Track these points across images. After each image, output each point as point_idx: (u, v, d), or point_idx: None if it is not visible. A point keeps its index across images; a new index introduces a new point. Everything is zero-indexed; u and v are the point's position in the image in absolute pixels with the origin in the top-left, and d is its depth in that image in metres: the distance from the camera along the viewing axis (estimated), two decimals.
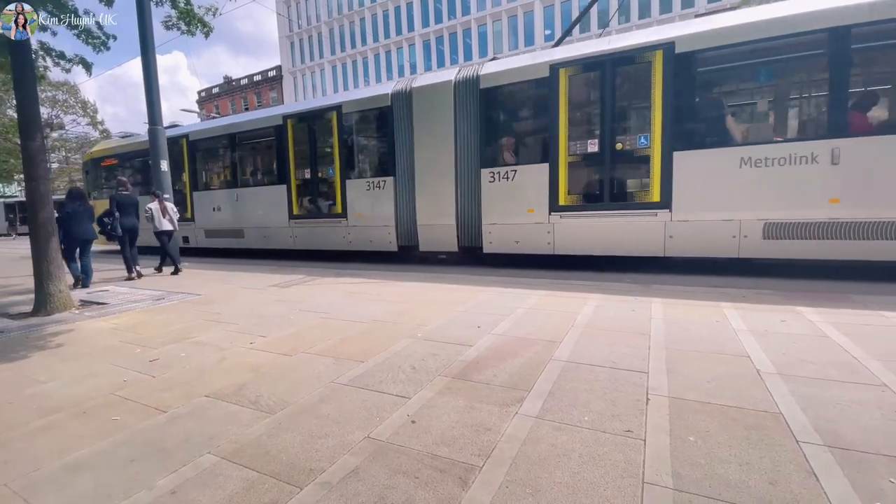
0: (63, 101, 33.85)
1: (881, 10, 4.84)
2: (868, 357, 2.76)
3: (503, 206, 6.98)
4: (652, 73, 5.88)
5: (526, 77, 6.72)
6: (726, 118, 5.77)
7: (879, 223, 4.97)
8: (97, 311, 5.15)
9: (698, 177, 5.72)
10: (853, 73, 5.13)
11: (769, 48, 5.39)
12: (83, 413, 2.47)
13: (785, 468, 1.69)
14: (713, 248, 5.76)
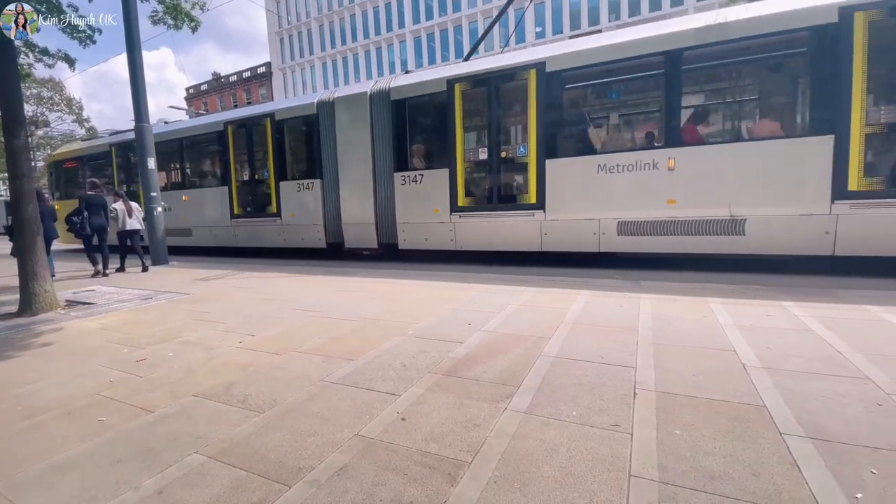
0: (48, 99, 33.34)
1: (705, 35, 5.62)
2: (852, 351, 2.81)
3: (414, 207, 7.71)
4: (528, 90, 6.61)
5: (428, 91, 7.44)
6: (587, 130, 6.66)
7: (708, 220, 5.80)
8: (83, 310, 5.08)
9: (566, 181, 6.51)
10: (685, 91, 5.96)
11: (619, 69, 6.22)
12: (69, 414, 2.43)
13: (768, 460, 1.72)
14: (579, 243, 6.56)
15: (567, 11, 37.13)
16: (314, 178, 8.64)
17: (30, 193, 5.05)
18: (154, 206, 8.97)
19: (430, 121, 7.63)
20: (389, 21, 43.99)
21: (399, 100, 7.64)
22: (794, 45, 5.37)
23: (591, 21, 36.40)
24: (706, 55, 5.70)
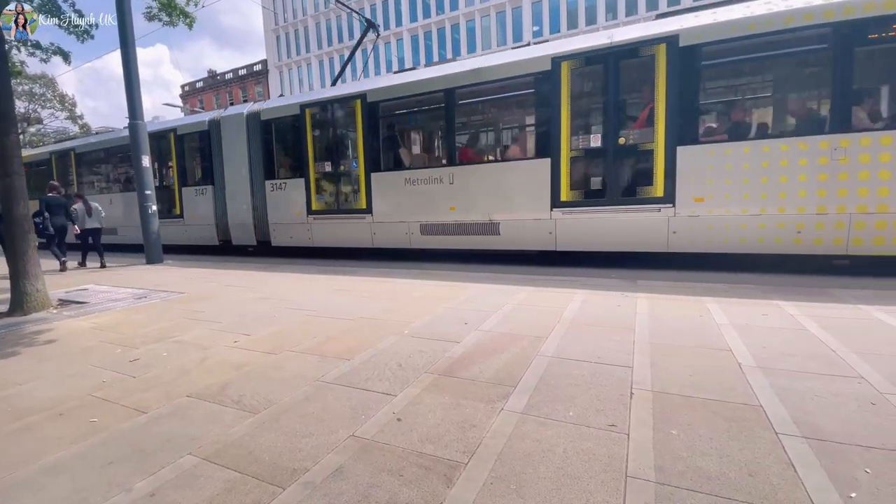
0: (40, 95, 32.99)
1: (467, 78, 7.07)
2: (846, 350, 2.82)
3: (281, 210, 9.15)
4: (356, 115, 8.02)
5: (287, 113, 8.90)
6: (399, 149, 8.04)
7: (476, 223, 7.21)
8: (76, 310, 5.03)
9: (385, 191, 7.92)
10: (457, 121, 7.41)
11: (413, 102, 7.76)
12: (60, 415, 2.41)
13: (764, 460, 1.72)
14: (397, 241, 7.97)
15: (564, 11, 37.15)
16: (208, 185, 10.12)
17: (21, 191, 4.99)
18: (148, 204, 8.90)
19: (291, 138, 9.06)
20: (387, 19, 43.84)
21: (267, 120, 9.16)
22: (525, 87, 6.75)
23: (588, 20, 36.44)
24: (469, 93, 7.19)
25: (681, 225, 5.85)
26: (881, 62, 5.15)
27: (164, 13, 6.25)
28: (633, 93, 6.30)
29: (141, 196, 8.91)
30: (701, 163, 5.68)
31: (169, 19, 6.28)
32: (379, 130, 7.93)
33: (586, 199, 6.39)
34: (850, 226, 5.11)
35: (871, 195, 4.96)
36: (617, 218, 6.20)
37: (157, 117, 12.67)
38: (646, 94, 6.04)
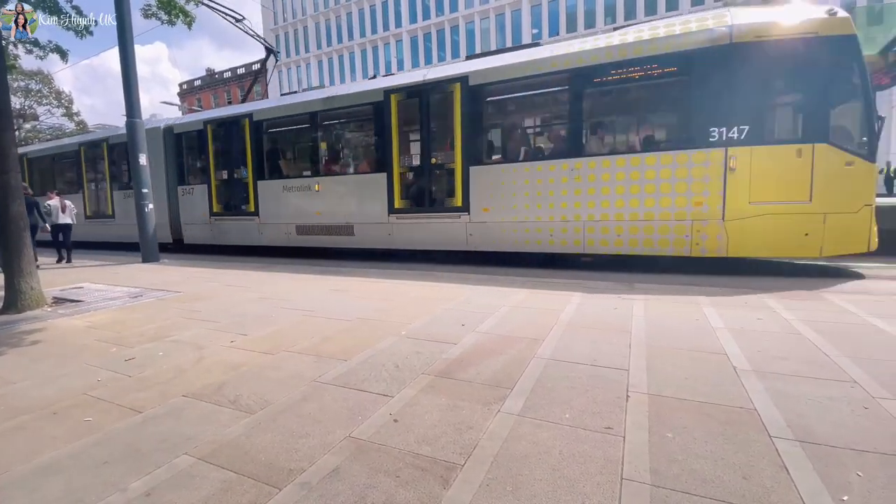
0: (36, 92, 32.80)
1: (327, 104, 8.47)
2: (839, 354, 2.85)
3: (190, 212, 10.57)
4: (245, 132, 9.40)
5: (194, 128, 10.39)
6: (279, 161, 9.42)
7: (337, 226, 8.50)
8: (71, 308, 5.01)
9: (270, 197, 9.24)
10: (321, 139, 8.81)
11: (290, 122, 9.14)
12: (54, 414, 2.40)
13: (758, 463, 1.73)
14: (279, 240, 9.33)
15: (563, 14, 37.28)
16: (126, 188, 11.65)
17: (17, 189, 4.96)
18: (145, 202, 8.87)
19: (197, 149, 10.45)
20: (386, 20, 43.86)
21: (178, 133, 10.63)
22: (367, 113, 8.09)
23: (587, 24, 36.58)
24: (328, 116, 8.63)
25: (475, 229, 7.21)
26: (604, 100, 6.71)
27: (162, 11, 6.24)
28: (441, 121, 7.52)
29: (137, 194, 8.89)
30: (486, 180, 7.05)
31: (168, 18, 6.26)
32: (263, 145, 9.36)
33: (412, 207, 7.84)
34: (584, 230, 6.46)
35: (596, 206, 6.33)
36: (433, 222, 7.60)
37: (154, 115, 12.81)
38: (449, 123, 7.31)
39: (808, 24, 5.38)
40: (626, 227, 6.17)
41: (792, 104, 5.79)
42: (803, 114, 5.57)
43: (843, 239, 5.38)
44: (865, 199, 5.32)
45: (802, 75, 5.51)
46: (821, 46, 5.33)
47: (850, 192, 5.33)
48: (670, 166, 5.84)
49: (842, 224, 5.33)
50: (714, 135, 5.59)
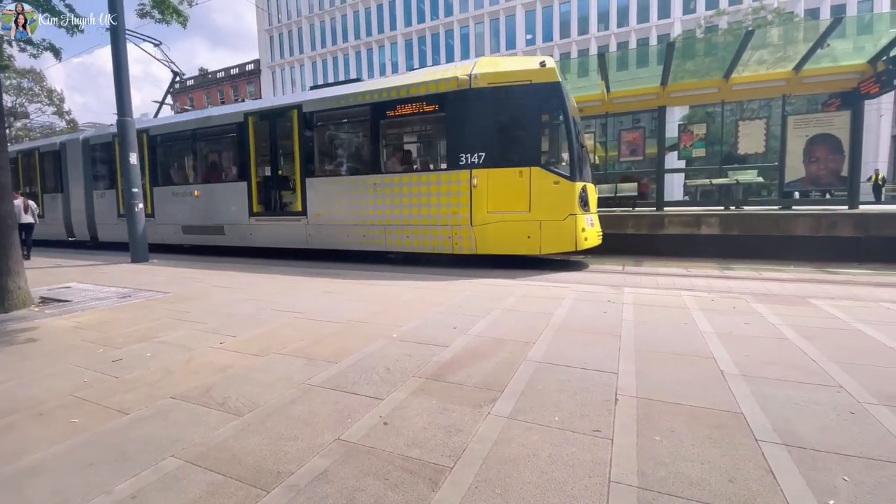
0: (28, 90, 32.44)
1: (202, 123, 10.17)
2: (825, 359, 2.89)
3: (103, 213, 12.09)
4: (143, 144, 10.66)
5: (105, 140, 11.89)
6: (169, 170, 11.04)
7: (212, 226, 9.94)
8: (58, 308, 4.94)
9: (163, 201, 10.77)
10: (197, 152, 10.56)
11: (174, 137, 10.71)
12: (40, 415, 2.36)
13: (744, 466, 1.75)
14: (170, 238, 10.79)
15: (557, 20, 37.58)
16: (59, 192, 13.16)
17: (6, 187, 4.90)
18: (135, 202, 8.79)
19: (108, 159, 11.91)
20: (381, 23, 43.93)
21: (94, 144, 12.22)
22: (233, 131, 9.56)
23: (580, 30, 36.91)
24: (206, 133, 10.18)
25: (312, 230, 8.62)
26: (393, 129, 8.16)
27: (156, 10, 6.20)
28: (286, 140, 8.87)
29: (127, 194, 8.81)
30: (317, 190, 8.49)
31: (161, 17, 6.23)
32: (157, 156, 10.90)
33: (266, 211, 9.31)
34: (385, 233, 7.89)
35: (392, 214, 7.73)
36: (282, 224, 9.04)
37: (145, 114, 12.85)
38: (291, 142, 8.70)
39: (524, 74, 6.83)
40: (412, 231, 7.61)
41: (515, 136, 7.05)
42: (523, 143, 6.93)
43: (555, 240, 6.83)
44: (570, 210, 6.74)
45: (521, 113, 6.92)
46: (534, 91, 6.79)
47: (557, 204, 6.75)
48: (436, 183, 7.30)
49: (553, 229, 6.80)
50: (462, 159, 7.03)
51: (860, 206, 9.71)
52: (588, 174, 7.63)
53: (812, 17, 29.37)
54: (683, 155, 11.35)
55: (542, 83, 6.76)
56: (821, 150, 9.62)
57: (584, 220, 6.91)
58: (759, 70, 10.51)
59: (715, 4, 32.58)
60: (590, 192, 7.42)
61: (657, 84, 10.82)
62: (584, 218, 6.91)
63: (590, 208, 7.31)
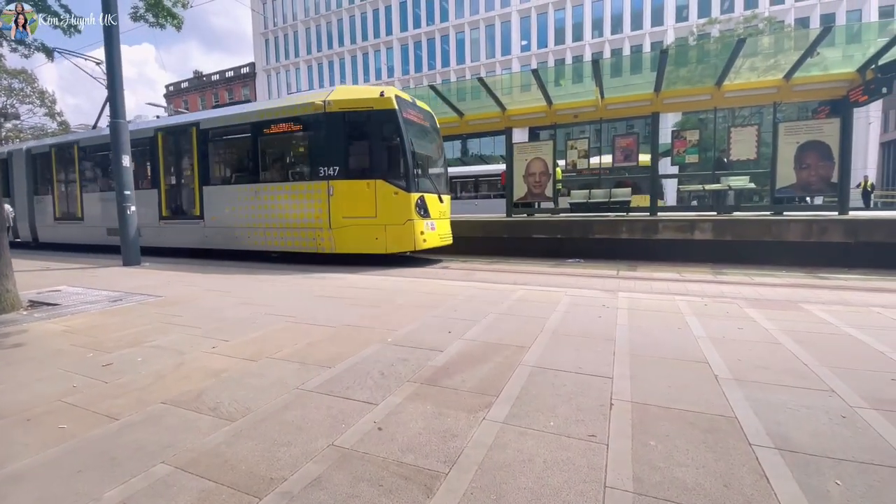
0: (19, 90, 32.15)
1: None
2: (817, 363, 2.91)
3: (42, 216, 13.50)
4: (74, 155, 12.42)
5: (42, 151, 13.35)
6: (96, 179, 12.17)
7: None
8: (47, 312, 4.87)
9: (90, 205, 12.12)
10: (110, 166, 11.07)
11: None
12: (28, 420, 2.32)
13: (738, 471, 1.75)
14: (97, 238, 11.95)
15: (552, 27, 37.91)
16: (5, 197, 14.38)
17: None
18: (127, 204, 8.71)
19: (47, 167, 13.23)
20: (377, 27, 44.10)
21: (34, 154, 13.59)
22: (146, 144, 10.82)
23: (575, 37, 37.25)
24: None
25: (209, 232, 9.90)
26: (270, 145, 9.20)
27: (150, 14, 6.18)
28: (187, 153, 10.24)
29: (120, 196, 8.72)
30: (212, 196, 9.79)
31: (155, 20, 6.20)
32: (87, 166, 12.35)
33: (172, 215, 10.63)
34: (265, 235, 9.05)
35: (269, 218, 8.90)
36: (185, 226, 10.34)
37: (139, 116, 12.89)
38: (191, 155, 10.06)
39: (367, 101, 8.16)
40: (286, 233, 8.79)
41: (362, 153, 8.33)
42: (369, 159, 8.26)
43: (398, 241, 8.18)
44: (408, 216, 8.10)
45: (366, 134, 8.31)
46: (375, 116, 8.14)
47: (398, 211, 8.06)
48: (303, 192, 8.52)
49: (395, 232, 8.14)
50: (322, 172, 8.29)
51: (850, 213, 9.84)
52: (430, 185, 8.86)
53: (802, 26, 29.86)
54: (677, 161, 11.45)
55: (381, 109, 8.08)
56: (811, 156, 9.75)
57: (422, 225, 8.34)
58: (751, 78, 10.66)
59: (707, 13, 33.05)
60: (430, 201, 8.63)
61: (651, 91, 10.95)
62: (422, 223, 8.34)
63: (430, 215, 8.61)
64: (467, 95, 13.27)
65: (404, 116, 8.20)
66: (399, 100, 8.25)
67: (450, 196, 10.04)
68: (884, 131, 35.29)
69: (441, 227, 9.10)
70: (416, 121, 8.78)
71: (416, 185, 8.23)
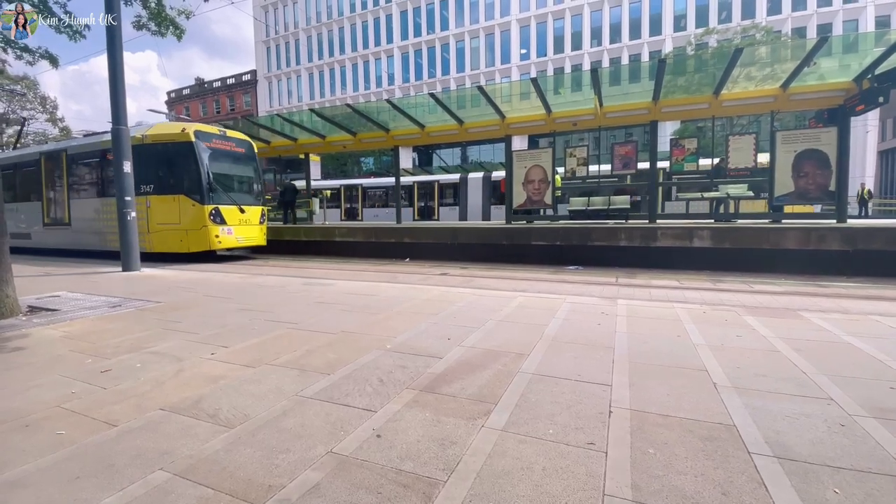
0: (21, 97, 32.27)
1: None
2: (816, 371, 2.91)
3: None
4: None
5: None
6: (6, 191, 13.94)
7: (25, 232, 13.79)
8: (46, 317, 4.87)
9: None
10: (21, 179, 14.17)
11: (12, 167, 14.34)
12: (26, 426, 2.31)
13: (737, 479, 1.75)
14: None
15: (551, 36, 38.23)
16: None
17: None
18: (128, 210, 8.73)
19: None
20: (378, 36, 44.46)
21: None
22: (37, 164, 13.33)
23: (573, 46, 37.55)
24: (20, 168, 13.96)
25: (76, 237, 12.37)
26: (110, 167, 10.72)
27: (153, 23, 6.23)
28: (61, 172, 12.76)
29: (120, 202, 8.74)
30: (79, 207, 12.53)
31: (157, 29, 6.26)
32: None
33: (51, 222, 13.02)
34: (114, 237, 10.05)
35: (114, 223, 10.02)
36: (59, 231, 12.85)
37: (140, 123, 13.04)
38: (62, 173, 12.70)
39: (171, 136, 10.90)
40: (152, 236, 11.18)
41: (169, 175, 11.03)
42: (174, 180, 10.95)
43: (197, 243, 10.82)
44: (203, 223, 10.70)
45: (171, 160, 10.98)
46: (177, 147, 10.79)
47: (196, 219, 10.73)
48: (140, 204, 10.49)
49: (195, 235, 10.79)
50: (142, 189, 10.66)
51: (848, 220, 9.88)
52: (227, 199, 11.32)
53: (799, 36, 30.15)
54: (675, 169, 11.50)
55: (181, 142, 10.73)
56: (809, 165, 9.80)
57: (217, 230, 10.94)
58: (749, 87, 10.74)
59: (705, 22, 33.37)
60: (226, 211, 11.19)
61: (649, 99, 11.02)
62: (217, 228, 10.93)
63: (226, 222, 11.16)
64: (467, 103, 13.32)
65: (204, 146, 10.89)
66: (199, 133, 10.90)
67: (260, 207, 12.42)
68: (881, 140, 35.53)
69: (242, 232, 11.67)
70: (221, 148, 11.47)
71: (210, 199, 10.77)
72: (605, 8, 36.45)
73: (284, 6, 48.89)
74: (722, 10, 33.87)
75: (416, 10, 42.69)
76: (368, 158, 41.42)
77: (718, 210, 12.28)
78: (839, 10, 31.44)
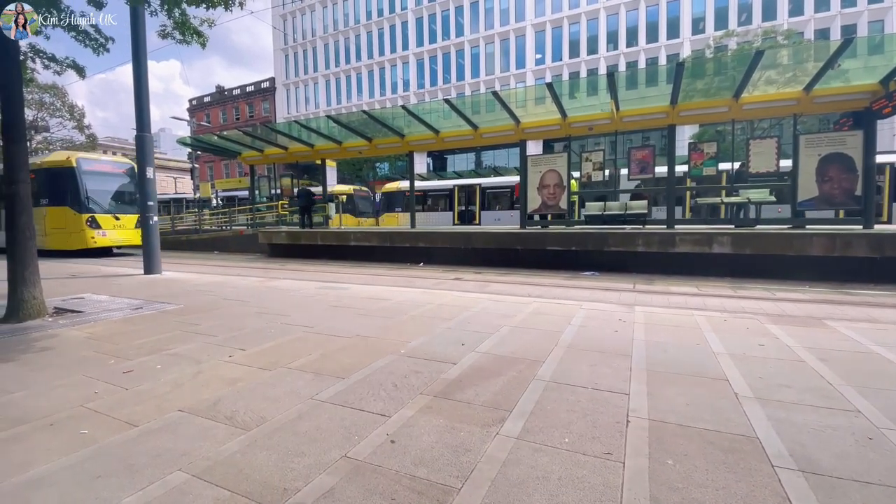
0: (49, 104, 33.46)
1: None
2: (842, 382, 2.82)
3: None
4: None
5: None
6: None
7: None
8: (71, 319, 5.01)
9: None
10: None
11: None
12: (50, 426, 2.38)
13: (760, 493, 1.70)
14: None
15: (567, 41, 38.10)
16: None
17: (26, 199, 5.03)
18: (150, 215, 8.96)
19: None
20: (393, 43, 44.89)
21: None
22: None
23: (589, 50, 37.35)
24: None
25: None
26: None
27: (177, 31, 6.39)
28: None
29: (143, 207, 8.97)
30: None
31: (182, 38, 6.41)
32: None
33: None
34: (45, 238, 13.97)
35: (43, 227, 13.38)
36: None
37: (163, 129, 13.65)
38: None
39: (60, 162, 14.55)
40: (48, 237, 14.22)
41: (58, 191, 14.40)
42: (62, 194, 14.42)
43: (77, 242, 14.15)
44: (81, 227, 14.08)
45: (59, 180, 14.54)
46: (62, 171, 14.33)
47: (76, 224, 14.17)
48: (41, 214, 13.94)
49: (76, 236, 14.18)
50: (41, 202, 13.94)
51: (875, 227, 9.57)
52: (102, 209, 14.62)
53: (823, 38, 29.46)
54: (694, 173, 11.32)
55: (65, 167, 14.34)
56: (833, 169, 9.54)
57: (92, 233, 14.25)
58: (770, 90, 10.52)
59: (724, 25, 32.84)
60: (102, 219, 14.52)
61: (667, 103, 10.89)
62: (92, 231, 14.25)
63: (101, 227, 14.45)
64: (481, 108, 13.37)
65: (85, 169, 14.43)
66: (81, 160, 14.58)
67: (135, 215, 14.61)
68: None
69: (118, 234, 14.95)
70: (101, 170, 14.94)
71: (87, 209, 14.24)
72: (621, 12, 36.19)
73: (303, 15, 49.77)
74: (742, 12, 33.30)
75: (432, 16, 43.01)
76: (384, 164, 41.79)
77: (739, 215, 12.03)
78: (864, 11, 30.62)
